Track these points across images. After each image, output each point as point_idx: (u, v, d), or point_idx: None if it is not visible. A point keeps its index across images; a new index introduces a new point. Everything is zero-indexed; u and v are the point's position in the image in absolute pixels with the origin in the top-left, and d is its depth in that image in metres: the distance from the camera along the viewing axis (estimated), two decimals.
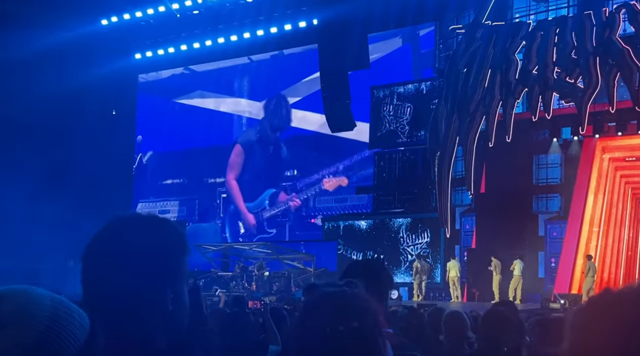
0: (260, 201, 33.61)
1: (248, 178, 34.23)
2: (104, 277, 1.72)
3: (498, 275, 22.58)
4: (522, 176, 24.54)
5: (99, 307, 1.69)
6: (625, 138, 22.95)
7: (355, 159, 31.10)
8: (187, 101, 36.75)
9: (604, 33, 19.88)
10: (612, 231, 24.48)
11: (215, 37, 31.92)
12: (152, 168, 37.46)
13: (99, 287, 1.73)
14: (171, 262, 1.77)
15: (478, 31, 22.53)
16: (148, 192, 37.06)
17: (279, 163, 33.77)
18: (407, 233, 27.45)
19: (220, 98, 35.93)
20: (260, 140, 34.32)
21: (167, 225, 1.83)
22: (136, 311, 1.71)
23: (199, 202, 35.70)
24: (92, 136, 30.79)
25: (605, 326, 1.40)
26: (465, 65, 22.55)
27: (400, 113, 28.66)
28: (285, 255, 27.31)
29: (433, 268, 26.19)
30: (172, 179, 36.84)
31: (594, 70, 19.68)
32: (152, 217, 1.84)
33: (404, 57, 30.46)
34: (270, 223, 33.35)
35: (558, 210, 25.01)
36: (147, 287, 1.72)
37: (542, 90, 20.63)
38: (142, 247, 1.74)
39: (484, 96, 21.73)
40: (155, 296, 1.73)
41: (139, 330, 1.71)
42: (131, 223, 1.81)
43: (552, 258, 24.18)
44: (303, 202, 32.71)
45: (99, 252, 1.75)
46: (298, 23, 30.14)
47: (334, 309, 1.89)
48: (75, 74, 29.12)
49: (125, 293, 1.70)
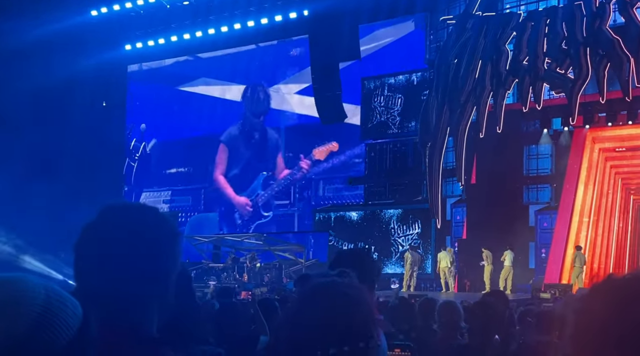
0: (253, 188, 33.41)
1: (237, 172, 34.09)
2: (97, 266, 1.73)
3: (489, 266, 22.66)
4: (513, 167, 24.62)
5: (93, 296, 1.70)
6: (615, 129, 23.03)
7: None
8: (191, 88, 36.24)
9: (594, 23, 19.91)
10: (602, 221, 24.58)
11: (206, 28, 31.81)
12: (156, 157, 37.02)
13: (93, 276, 1.74)
14: (164, 250, 1.78)
15: (469, 22, 22.53)
16: (152, 182, 36.72)
17: (268, 148, 33.61)
18: (398, 224, 27.51)
19: (226, 85, 35.41)
20: (244, 132, 34.24)
21: (157, 214, 1.84)
22: (130, 300, 1.72)
23: (204, 191, 35.32)
24: (82, 127, 30.70)
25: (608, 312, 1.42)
26: (455, 56, 22.56)
27: (391, 105, 28.67)
28: (277, 247, 27.34)
29: (424, 258, 26.27)
30: (177, 168, 36.41)
31: (584, 61, 19.72)
32: (142, 206, 1.86)
33: (417, 41, 29.77)
34: (265, 207, 33.10)
35: (548, 201, 25.11)
36: (141, 276, 1.73)
37: (533, 81, 20.67)
38: (134, 235, 1.75)
39: (475, 87, 21.76)
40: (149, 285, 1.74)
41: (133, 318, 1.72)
42: (122, 212, 1.82)
43: (542, 248, 24.28)
44: (312, 190, 32.35)
45: (91, 241, 1.76)
46: (289, 14, 30.06)
47: (327, 300, 1.88)
48: (65, 64, 28.99)
49: (118, 282, 1.71)
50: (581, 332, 1.46)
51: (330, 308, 1.86)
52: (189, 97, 36.03)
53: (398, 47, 29.71)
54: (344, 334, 1.84)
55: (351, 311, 1.88)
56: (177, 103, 36.12)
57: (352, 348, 1.83)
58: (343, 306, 1.87)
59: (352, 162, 30.85)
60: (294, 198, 32.84)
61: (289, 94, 33.51)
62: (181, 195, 35.89)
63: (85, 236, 1.77)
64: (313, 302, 1.90)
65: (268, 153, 33.60)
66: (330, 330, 1.84)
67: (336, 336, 1.83)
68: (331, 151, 31.35)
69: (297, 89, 32.81)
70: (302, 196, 32.66)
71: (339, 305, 1.88)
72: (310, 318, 1.86)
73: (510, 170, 24.36)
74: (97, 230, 1.77)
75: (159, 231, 1.80)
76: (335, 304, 1.87)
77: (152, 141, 37.14)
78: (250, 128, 34.11)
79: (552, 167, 24.97)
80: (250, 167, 33.66)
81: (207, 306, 7.00)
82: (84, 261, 1.76)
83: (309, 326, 1.85)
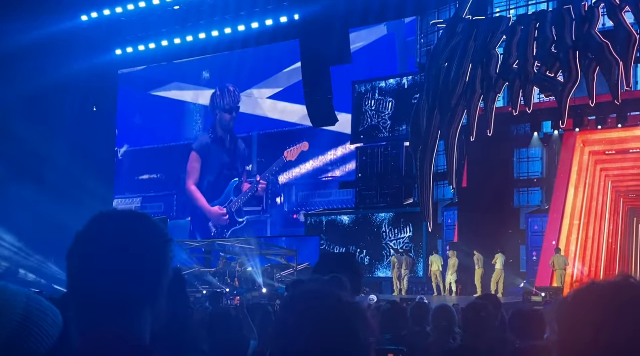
0: (226, 195, 33.53)
1: (211, 179, 34.14)
2: (90, 273, 1.73)
3: (480, 269, 22.68)
4: (504, 170, 24.69)
5: (86, 304, 1.70)
6: (605, 132, 23.12)
7: (341, 153, 31.01)
8: (163, 93, 36.06)
9: (584, 27, 19.99)
10: (592, 224, 24.65)
11: (197, 32, 31.82)
12: (128, 163, 36.81)
13: (86, 285, 1.73)
14: (155, 257, 1.78)
15: (459, 26, 22.58)
16: (124, 188, 36.49)
17: (238, 158, 33.73)
18: (390, 227, 27.51)
19: (199, 90, 35.30)
20: (216, 140, 34.24)
21: (150, 221, 1.84)
22: (124, 307, 1.72)
23: (177, 198, 35.21)
24: (72, 132, 30.64)
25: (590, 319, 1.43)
26: (446, 60, 22.61)
27: (382, 108, 28.70)
28: (268, 251, 27.30)
29: (415, 262, 26.27)
30: (149, 174, 36.15)
31: (574, 65, 19.79)
32: (134, 213, 1.86)
33: (389, 46, 30.14)
34: (239, 213, 33.16)
35: (539, 204, 25.17)
36: (133, 282, 1.73)
37: (523, 85, 20.72)
38: (126, 243, 1.75)
39: (465, 90, 21.80)
40: (141, 292, 1.74)
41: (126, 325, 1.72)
42: (115, 219, 1.81)
43: (533, 251, 24.33)
44: (285, 194, 32.47)
45: (84, 249, 1.76)
46: (279, 18, 30.10)
47: (318, 316, 1.82)
48: (56, 69, 28.95)
49: (111, 289, 1.71)
50: (565, 338, 1.47)
51: (319, 326, 1.82)
52: (161, 102, 35.88)
53: (369, 51, 29.98)
54: (342, 343, 1.81)
55: (348, 322, 1.85)
56: (149, 109, 35.99)
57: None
58: (336, 326, 1.83)
59: (326, 168, 31.23)
60: (267, 205, 33.01)
61: (261, 99, 33.48)
62: (153, 201, 35.69)
63: (79, 243, 1.77)
64: (302, 315, 1.86)
65: (238, 161, 33.82)
66: (328, 339, 1.81)
67: (333, 345, 1.81)
68: (302, 151, 31.57)
69: (270, 94, 32.89)
70: (275, 203, 32.87)
71: (335, 315, 1.84)
72: (300, 332, 1.83)
73: (501, 173, 24.42)
74: (90, 237, 1.77)
75: (150, 238, 1.80)
76: (327, 323, 1.82)
77: (124, 147, 36.96)
78: (221, 133, 34.14)
79: (542, 170, 25.04)
80: (222, 176, 33.78)
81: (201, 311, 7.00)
82: (77, 268, 1.75)
83: (300, 340, 1.82)
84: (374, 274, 26.92)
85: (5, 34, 26.87)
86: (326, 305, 1.83)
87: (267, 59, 32.37)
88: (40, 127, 29.40)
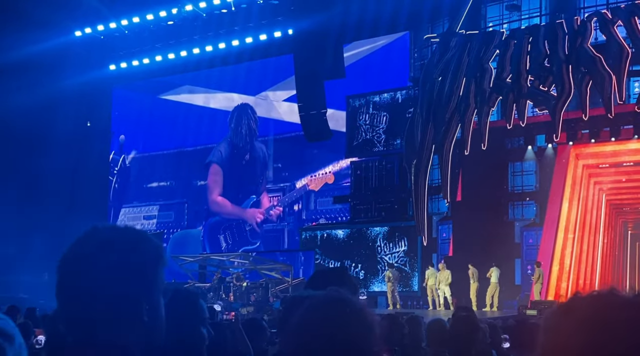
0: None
1: (234, 192, 32.93)
2: (80, 288, 1.73)
3: (475, 283, 22.66)
4: (498, 183, 24.71)
5: (75, 318, 1.69)
6: (598, 146, 23.19)
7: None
8: (173, 97, 34.57)
9: (576, 41, 20.10)
10: (587, 237, 24.69)
11: (190, 47, 31.88)
12: (136, 170, 35.27)
13: (75, 298, 1.73)
14: (147, 273, 1.78)
15: (452, 40, 22.68)
16: (132, 197, 35.09)
17: (257, 166, 32.43)
18: (385, 241, 27.49)
19: (210, 93, 33.78)
20: (234, 150, 33.06)
21: (143, 236, 1.83)
22: (111, 322, 1.71)
23: (188, 207, 33.80)
24: (66, 147, 30.61)
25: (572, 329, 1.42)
26: (440, 74, 22.69)
27: (376, 122, 28.74)
28: (263, 266, 27.23)
29: (410, 276, 26.25)
30: (158, 182, 34.70)
31: (567, 78, 19.88)
32: (127, 228, 1.85)
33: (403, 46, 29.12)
34: (253, 234, 32.23)
35: (534, 217, 25.19)
36: (122, 299, 1.72)
37: (516, 98, 20.80)
38: (117, 258, 1.75)
39: (459, 104, 21.87)
40: (130, 308, 1.73)
41: (114, 340, 1.71)
42: (107, 234, 1.81)
43: (528, 265, 24.32)
44: (303, 200, 31.16)
45: (74, 263, 1.76)
46: (273, 33, 30.18)
47: (341, 315, 1.89)
48: (50, 84, 28.98)
49: (101, 305, 1.71)
50: (549, 350, 1.47)
51: (346, 322, 1.87)
52: (171, 106, 34.47)
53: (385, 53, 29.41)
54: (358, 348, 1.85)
55: (366, 326, 1.88)
56: (158, 113, 34.53)
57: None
58: (359, 320, 1.89)
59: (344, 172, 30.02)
60: (284, 213, 31.81)
61: (277, 102, 32.24)
62: (163, 210, 34.30)
63: (68, 258, 1.77)
64: (328, 315, 1.89)
65: (257, 171, 32.43)
66: (338, 347, 1.84)
67: (356, 345, 1.84)
68: (326, 182, 30.63)
69: (286, 96, 31.18)
70: (292, 210, 31.60)
71: (351, 323, 1.89)
72: (323, 330, 1.86)
73: (495, 186, 24.45)
74: (80, 252, 1.76)
75: (143, 253, 1.79)
76: (347, 322, 1.88)
77: (132, 153, 35.53)
78: (240, 145, 32.91)
79: (536, 184, 25.08)
80: (242, 188, 32.58)
81: None
82: (67, 283, 1.75)
83: (320, 339, 1.84)
84: (369, 288, 26.87)
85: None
86: (351, 310, 1.91)
87: (281, 60, 30.49)
88: (34, 142, 29.39)
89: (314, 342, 1.84)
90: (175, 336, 1.93)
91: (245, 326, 6.57)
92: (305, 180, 31.09)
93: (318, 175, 30.83)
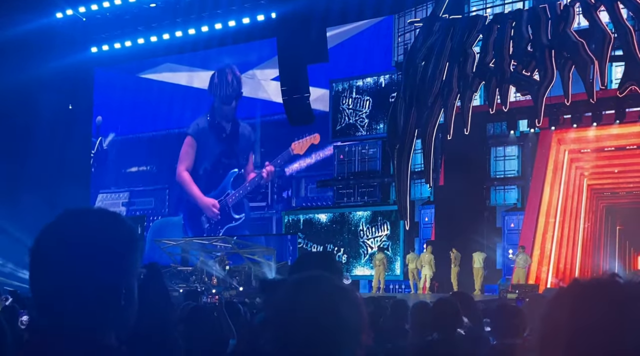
0: (223, 187, 31.40)
1: (207, 167, 31.69)
2: (52, 273, 1.70)
3: (457, 267, 22.79)
4: (480, 168, 24.83)
5: (47, 303, 1.67)
6: (580, 131, 23.33)
7: None
8: (154, 76, 33.14)
9: (559, 26, 20.12)
10: (568, 222, 24.87)
11: (173, 30, 31.64)
12: (114, 154, 33.94)
13: (47, 283, 1.71)
14: (120, 257, 1.75)
15: (435, 24, 22.64)
16: (109, 182, 33.88)
17: (240, 144, 31.20)
18: (367, 226, 27.57)
19: (194, 71, 32.46)
20: (213, 124, 31.81)
21: (117, 219, 1.81)
22: (85, 307, 1.69)
23: (169, 192, 32.60)
24: (48, 130, 30.35)
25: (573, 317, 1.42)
26: (423, 58, 22.66)
27: (359, 107, 28.73)
28: (246, 249, 27.24)
29: (393, 260, 26.37)
30: (138, 166, 33.46)
31: (550, 63, 19.92)
32: (101, 210, 1.83)
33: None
34: (237, 209, 31.08)
35: (515, 202, 25.34)
36: (96, 283, 1.69)
37: (499, 83, 20.82)
38: (90, 241, 1.72)
39: (442, 89, 21.86)
40: (104, 292, 1.71)
41: (91, 326, 1.69)
42: (80, 217, 1.78)
43: (509, 249, 24.50)
44: (293, 187, 30.10)
45: (46, 247, 1.73)
46: (256, 16, 30.02)
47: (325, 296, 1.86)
48: (31, 67, 28.67)
49: (73, 289, 1.68)
50: (547, 338, 1.46)
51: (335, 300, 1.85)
52: (153, 87, 33.04)
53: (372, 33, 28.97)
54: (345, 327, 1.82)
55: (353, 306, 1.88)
56: (138, 93, 33.18)
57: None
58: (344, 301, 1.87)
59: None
60: (272, 200, 30.82)
61: (265, 80, 30.86)
62: (143, 196, 33.05)
63: (41, 241, 1.74)
64: (310, 295, 1.87)
65: (239, 149, 31.27)
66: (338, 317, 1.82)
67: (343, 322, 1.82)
68: (312, 144, 29.86)
69: (274, 75, 28.49)
70: (281, 197, 30.68)
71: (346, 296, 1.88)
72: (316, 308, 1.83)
73: (477, 171, 24.55)
74: (53, 235, 1.74)
75: (116, 236, 1.76)
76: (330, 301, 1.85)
77: (110, 136, 34.41)
78: (220, 119, 31.64)
79: (519, 168, 25.22)
80: (220, 164, 31.29)
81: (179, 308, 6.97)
82: (39, 267, 1.73)
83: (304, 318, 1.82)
84: (352, 272, 26.96)
85: None
86: (339, 288, 1.90)
87: (268, 39, 28.25)
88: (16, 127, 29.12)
89: (300, 320, 1.82)
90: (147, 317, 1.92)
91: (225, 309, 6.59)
92: (293, 146, 30.12)
93: (302, 139, 30.02)
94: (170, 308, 3.26)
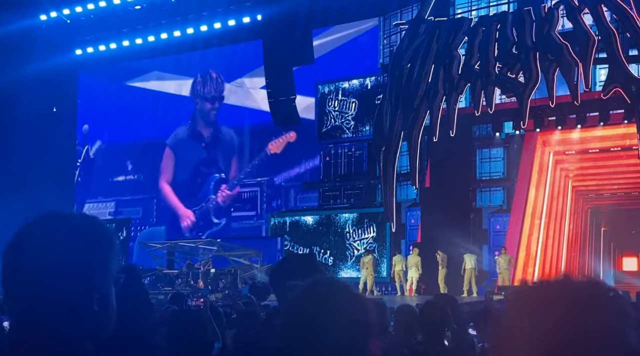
0: (203, 193, 31.32)
1: (185, 178, 31.65)
2: (25, 278, 1.66)
3: (444, 269, 22.80)
4: (466, 170, 24.89)
5: (20, 310, 1.63)
6: (564, 132, 23.43)
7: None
8: (142, 84, 32.98)
9: (544, 29, 20.20)
10: (553, 223, 24.97)
11: (158, 32, 31.53)
12: (101, 162, 33.69)
13: (19, 288, 1.66)
14: (96, 261, 1.71)
15: (421, 26, 22.68)
16: (96, 191, 33.65)
17: (220, 150, 31.12)
18: (354, 228, 27.56)
19: (182, 80, 32.30)
20: (194, 133, 31.69)
21: (94, 222, 1.77)
22: (59, 313, 1.65)
23: (157, 202, 32.39)
24: (31, 134, 30.14)
25: (525, 319, 1.40)
26: (408, 61, 22.69)
27: (345, 109, 28.74)
28: (232, 252, 27.17)
29: (379, 262, 26.36)
30: (125, 175, 33.22)
31: (534, 65, 19.99)
32: (77, 214, 1.79)
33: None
34: (217, 214, 31.02)
35: (501, 204, 25.41)
36: (70, 288, 1.65)
37: (484, 85, 20.87)
38: (64, 245, 1.67)
39: (428, 91, 21.90)
40: (79, 297, 1.67)
41: (63, 332, 1.65)
42: (54, 221, 1.74)
43: (495, 251, 24.56)
44: (282, 196, 29.88)
45: (20, 251, 1.68)
46: (242, 18, 29.97)
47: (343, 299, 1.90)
48: (14, 69, 28.48)
49: (47, 295, 1.64)
50: (502, 343, 1.45)
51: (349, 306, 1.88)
52: (140, 94, 32.88)
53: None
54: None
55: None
56: (126, 101, 32.94)
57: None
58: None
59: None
60: (261, 209, 30.57)
61: (254, 89, 30.67)
62: (130, 206, 32.73)
63: (13, 246, 1.69)
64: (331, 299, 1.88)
65: (220, 155, 31.13)
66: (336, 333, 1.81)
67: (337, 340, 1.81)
68: (288, 142, 29.71)
69: (263, 83, 28.34)
70: (271, 207, 30.39)
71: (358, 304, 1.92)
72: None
73: (463, 173, 24.61)
74: (26, 239, 1.70)
75: (92, 241, 1.72)
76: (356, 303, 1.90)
77: (97, 144, 34.13)
78: (201, 127, 31.57)
79: (504, 170, 25.29)
80: (198, 173, 31.25)
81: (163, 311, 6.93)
82: (11, 272, 1.68)
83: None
84: (337, 274, 26.95)
85: None
86: (350, 292, 1.95)
87: (256, 45, 28.14)
88: None
89: (309, 321, 1.82)
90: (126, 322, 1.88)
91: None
92: (270, 146, 30.04)
93: (278, 138, 29.87)
94: (150, 312, 3.22)
